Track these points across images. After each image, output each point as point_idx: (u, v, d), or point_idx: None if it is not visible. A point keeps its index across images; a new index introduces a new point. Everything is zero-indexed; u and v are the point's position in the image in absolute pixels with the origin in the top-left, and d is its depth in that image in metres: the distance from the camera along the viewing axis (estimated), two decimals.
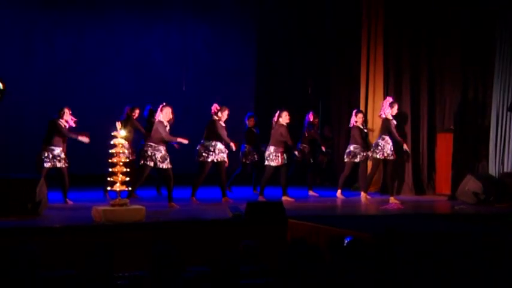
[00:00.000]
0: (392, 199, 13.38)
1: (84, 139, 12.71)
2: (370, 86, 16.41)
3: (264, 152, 14.31)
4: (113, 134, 10.92)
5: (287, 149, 14.29)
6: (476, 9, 14.83)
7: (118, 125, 11.23)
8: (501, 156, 14.31)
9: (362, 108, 16.24)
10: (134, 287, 5.95)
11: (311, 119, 15.19)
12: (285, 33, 18.31)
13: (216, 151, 13.31)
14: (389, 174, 14.38)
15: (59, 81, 14.57)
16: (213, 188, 13.98)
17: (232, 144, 13.46)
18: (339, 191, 14.66)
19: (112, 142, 10.80)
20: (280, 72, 18.39)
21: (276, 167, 13.89)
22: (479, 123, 14.93)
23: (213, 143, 13.25)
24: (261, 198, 13.91)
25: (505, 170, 14.16)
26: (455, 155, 15.16)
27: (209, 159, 13.15)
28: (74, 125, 12.58)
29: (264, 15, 18.40)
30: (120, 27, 16.50)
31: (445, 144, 15.56)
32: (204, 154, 13.14)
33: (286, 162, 14.16)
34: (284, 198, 13.50)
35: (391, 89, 15.96)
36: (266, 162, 14.04)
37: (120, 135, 10.83)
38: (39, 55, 14.99)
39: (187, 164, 13.82)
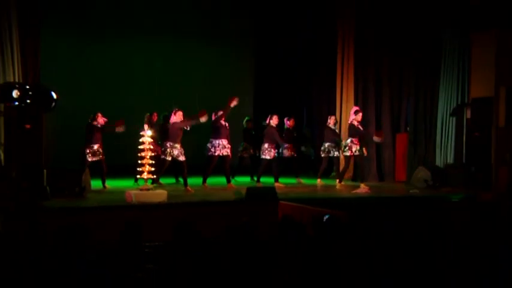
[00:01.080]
0: (362, 185, 13.23)
1: (120, 128, 12.74)
2: (343, 95, 16.38)
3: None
4: (141, 133, 10.95)
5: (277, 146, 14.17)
6: (426, 37, 14.75)
7: (146, 127, 11.29)
8: (445, 151, 14.44)
9: (337, 112, 16.30)
10: (159, 253, 5.84)
11: (288, 124, 14.96)
12: (277, 50, 18.17)
13: (221, 147, 13.30)
14: (360, 166, 14.38)
15: (95, 92, 14.60)
16: (219, 177, 13.91)
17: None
18: (319, 180, 14.44)
19: (140, 140, 10.81)
20: (274, 83, 18.19)
21: (270, 160, 13.77)
22: (428, 126, 14.95)
23: (218, 141, 13.21)
24: (258, 185, 13.93)
25: (448, 162, 14.26)
26: (409, 150, 15.28)
27: (216, 154, 13.18)
28: (103, 124, 12.65)
29: (260, 35, 18.39)
30: (142, 48, 16.46)
31: (402, 142, 15.59)
32: (211, 149, 13.20)
33: (277, 156, 14.11)
34: (276, 184, 13.42)
35: (360, 97, 16.01)
36: (262, 156, 14.00)
37: (147, 135, 10.86)
38: (78, 73, 14.98)
39: (198, 157, 13.76)
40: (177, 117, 12.77)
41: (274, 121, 14.03)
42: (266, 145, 13.89)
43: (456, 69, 14.16)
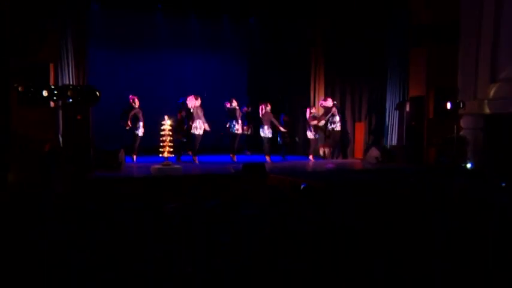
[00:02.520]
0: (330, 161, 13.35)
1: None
2: (316, 92, 16.33)
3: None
4: (162, 122, 11.03)
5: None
6: (378, 51, 14.63)
7: (166, 117, 11.31)
8: (391, 135, 14.29)
9: (312, 106, 16.09)
10: (175, 212, 5.79)
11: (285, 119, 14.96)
12: (266, 57, 17.78)
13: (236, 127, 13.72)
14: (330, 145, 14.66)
15: (128, 91, 14.44)
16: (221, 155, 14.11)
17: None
18: (311, 156, 14.49)
19: (162, 128, 10.88)
20: (263, 82, 17.81)
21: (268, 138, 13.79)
22: (379, 117, 14.90)
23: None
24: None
25: (393, 143, 14.25)
26: (365, 135, 15.26)
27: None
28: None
29: (253, 46, 17.95)
30: (163, 58, 16.16)
31: (359, 129, 15.58)
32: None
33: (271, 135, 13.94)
34: (267, 158, 13.50)
35: (329, 93, 15.95)
36: (262, 135, 13.83)
37: (167, 124, 10.93)
38: (115, 77, 14.84)
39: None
40: (198, 102, 12.84)
41: (269, 108, 13.92)
42: (266, 127, 13.76)
43: (399, 75, 14.22)
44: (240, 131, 13.89)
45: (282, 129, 14.18)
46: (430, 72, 13.47)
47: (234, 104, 13.79)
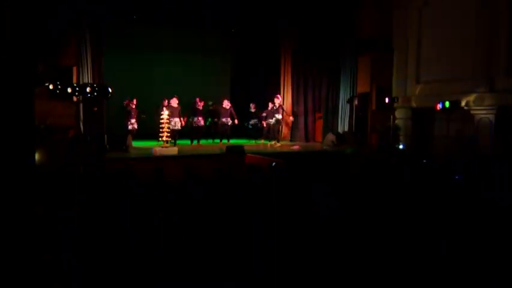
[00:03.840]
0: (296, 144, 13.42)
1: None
2: (285, 88, 16.33)
3: None
4: (161, 112, 11.08)
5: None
6: (334, 57, 14.49)
7: (164, 109, 11.39)
8: (343, 123, 14.23)
9: (281, 101, 15.84)
10: (173, 186, 5.87)
11: (252, 108, 14.85)
12: (245, 62, 17.77)
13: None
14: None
15: (135, 87, 14.40)
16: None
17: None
18: (262, 141, 14.09)
19: (161, 117, 10.93)
20: (244, 83, 17.67)
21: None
22: (334, 108, 14.64)
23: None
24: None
25: (345, 130, 14.15)
26: (323, 122, 15.13)
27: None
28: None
29: (234, 52, 17.90)
30: (162, 60, 16.08)
31: (319, 118, 15.47)
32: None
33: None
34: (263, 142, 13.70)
35: (295, 90, 15.99)
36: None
37: (165, 113, 10.98)
38: (125, 76, 14.72)
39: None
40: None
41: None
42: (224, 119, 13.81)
43: (349, 76, 14.23)
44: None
45: (236, 121, 13.84)
46: (373, 74, 13.59)
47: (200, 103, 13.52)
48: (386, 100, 12.65)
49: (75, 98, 10.80)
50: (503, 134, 10.64)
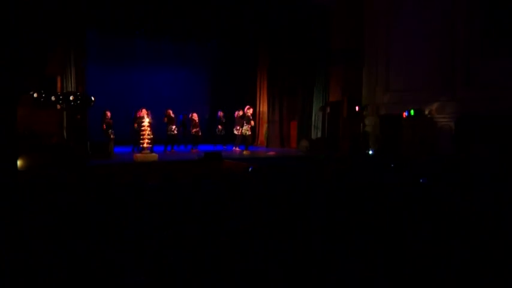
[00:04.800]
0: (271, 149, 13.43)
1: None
2: (261, 96, 16.41)
3: None
4: (142, 120, 11.02)
5: None
6: (307, 68, 14.53)
7: (145, 116, 11.33)
8: (316, 130, 14.32)
9: (257, 107, 16.26)
10: (154, 190, 5.81)
11: (221, 114, 14.52)
12: (223, 74, 17.62)
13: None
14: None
15: (116, 96, 14.29)
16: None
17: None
18: (237, 148, 13.96)
19: (142, 124, 10.88)
20: (221, 90, 17.52)
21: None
22: (308, 116, 14.68)
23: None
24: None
25: (318, 136, 14.20)
26: (298, 129, 15.08)
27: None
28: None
29: (214, 63, 17.77)
30: (144, 71, 15.86)
31: (294, 125, 15.41)
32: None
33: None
34: (237, 149, 13.61)
35: (271, 98, 16.00)
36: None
37: (146, 121, 10.92)
38: (106, 86, 14.48)
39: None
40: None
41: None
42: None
43: (322, 85, 14.32)
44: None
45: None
46: (344, 84, 13.62)
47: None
48: (357, 108, 12.86)
49: (58, 106, 10.69)
50: (463, 139, 10.94)
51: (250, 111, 13.79)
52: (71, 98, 10.41)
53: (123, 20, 13.09)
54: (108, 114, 12.45)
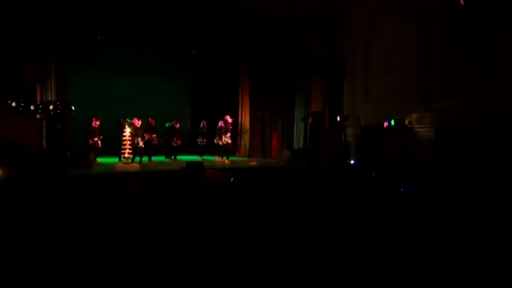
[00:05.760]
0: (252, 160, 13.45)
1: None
2: (242, 107, 16.37)
3: None
4: (124, 130, 10.91)
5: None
6: (288, 78, 14.58)
7: (127, 126, 11.21)
8: (298, 141, 14.44)
9: (239, 118, 16.22)
10: (134, 200, 5.79)
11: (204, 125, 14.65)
12: (205, 82, 17.62)
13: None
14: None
15: (96, 106, 14.03)
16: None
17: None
18: (219, 158, 13.91)
19: (123, 134, 10.77)
20: (203, 103, 17.44)
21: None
22: (290, 127, 14.80)
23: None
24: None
25: (300, 146, 14.33)
26: (280, 140, 15.09)
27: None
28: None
29: (195, 72, 17.71)
30: (124, 81, 15.66)
31: (275, 136, 15.26)
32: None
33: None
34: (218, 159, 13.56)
35: (252, 109, 15.96)
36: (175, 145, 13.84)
37: (127, 131, 10.82)
38: (87, 95, 14.29)
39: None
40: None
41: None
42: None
43: (303, 96, 14.46)
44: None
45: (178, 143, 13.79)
46: (325, 94, 13.75)
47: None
48: (338, 119, 12.96)
49: (38, 116, 10.51)
50: (441, 149, 11.10)
51: (231, 120, 13.75)
52: (51, 107, 10.24)
53: (105, 29, 12.98)
54: (95, 122, 12.35)
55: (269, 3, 12.82)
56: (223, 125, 13.69)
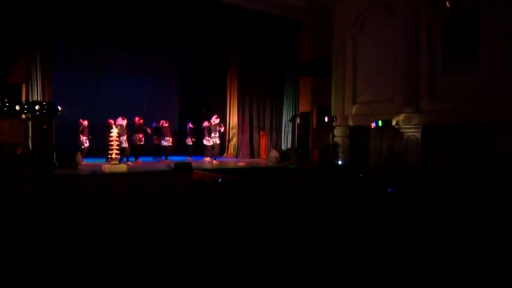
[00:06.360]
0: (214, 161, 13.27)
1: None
2: (231, 107, 16.35)
3: None
4: (111, 131, 10.80)
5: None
6: (276, 78, 14.73)
7: (114, 127, 11.09)
8: (286, 141, 14.54)
9: (227, 118, 16.19)
10: (121, 202, 5.71)
11: (191, 126, 14.30)
12: (192, 85, 17.59)
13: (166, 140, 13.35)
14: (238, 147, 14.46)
15: (83, 106, 13.91)
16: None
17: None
18: (208, 158, 13.58)
19: (111, 135, 10.67)
20: (190, 101, 17.50)
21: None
22: (278, 126, 14.95)
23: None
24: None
25: (288, 147, 14.41)
26: (268, 140, 15.15)
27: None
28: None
29: (183, 72, 17.72)
30: (113, 82, 15.62)
31: (263, 136, 15.44)
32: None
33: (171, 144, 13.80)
34: (207, 159, 13.42)
35: (240, 109, 15.89)
36: (165, 144, 13.54)
37: (114, 131, 10.72)
38: (73, 95, 14.12)
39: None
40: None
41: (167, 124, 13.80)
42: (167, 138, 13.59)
43: (292, 96, 14.50)
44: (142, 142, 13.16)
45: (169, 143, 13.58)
46: (313, 95, 13.80)
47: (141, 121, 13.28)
48: (326, 119, 13.01)
49: (23, 116, 10.36)
50: (428, 149, 11.22)
51: (218, 120, 13.75)
52: (37, 107, 10.09)
53: (92, 29, 12.86)
54: (84, 122, 12.23)
55: (258, 3, 12.83)
56: (210, 125, 13.65)
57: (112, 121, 12.07)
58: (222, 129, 13.92)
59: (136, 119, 13.25)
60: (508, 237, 3.91)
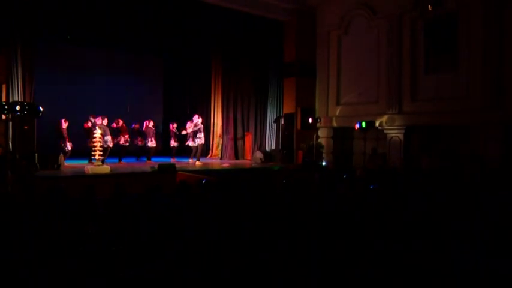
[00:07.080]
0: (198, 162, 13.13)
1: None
2: (215, 108, 16.21)
3: None
4: (94, 131, 10.72)
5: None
6: (261, 79, 14.75)
7: (97, 127, 11.02)
8: (270, 142, 14.57)
9: (211, 119, 16.13)
10: (105, 204, 5.61)
11: (174, 127, 14.11)
12: (176, 86, 17.60)
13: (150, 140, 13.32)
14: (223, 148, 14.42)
15: (66, 107, 13.78)
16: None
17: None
18: (191, 160, 13.49)
19: (94, 136, 10.59)
20: (174, 102, 17.54)
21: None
22: (262, 128, 14.97)
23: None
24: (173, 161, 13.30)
25: (272, 148, 14.38)
26: (252, 141, 15.07)
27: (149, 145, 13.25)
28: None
29: (167, 73, 17.71)
30: (95, 83, 15.52)
31: (248, 137, 15.37)
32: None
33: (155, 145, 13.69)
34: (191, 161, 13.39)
35: (225, 110, 15.75)
36: (150, 145, 13.42)
37: (98, 132, 10.64)
38: (55, 95, 13.92)
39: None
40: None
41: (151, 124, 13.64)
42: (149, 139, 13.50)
43: (276, 97, 14.52)
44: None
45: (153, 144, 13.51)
46: (298, 96, 13.80)
47: (120, 123, 13.14)
48: (310, 120, 13.09)
49: (4, 116, 10.21)
50: (410, 150, 11.41)
51: (200, 120, 13.72)
52: (18, 107, 9.93)
53: (75, 27, 12.77)
54: (64, 123, 12.06)
55: (241, 4, 12.87)
56: (194, 127, 13.60)
57: (89, 124, 12.00)
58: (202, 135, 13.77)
59: (120, 120, 13.14)
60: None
